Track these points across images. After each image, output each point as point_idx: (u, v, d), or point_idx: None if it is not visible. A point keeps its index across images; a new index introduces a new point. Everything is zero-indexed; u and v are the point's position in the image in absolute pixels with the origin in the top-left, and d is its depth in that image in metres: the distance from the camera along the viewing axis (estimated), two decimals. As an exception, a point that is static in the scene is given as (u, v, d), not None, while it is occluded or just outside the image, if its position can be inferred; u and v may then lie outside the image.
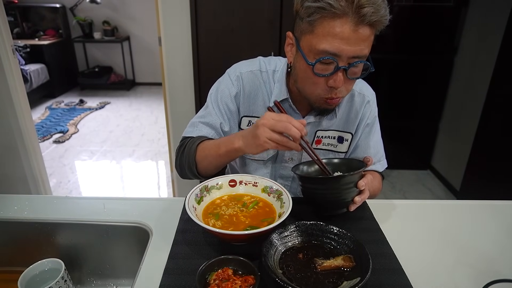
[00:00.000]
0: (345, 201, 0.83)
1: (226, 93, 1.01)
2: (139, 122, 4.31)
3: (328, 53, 0.79)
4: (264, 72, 1.02)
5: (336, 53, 0.78)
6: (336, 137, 1.05)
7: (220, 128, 1.01)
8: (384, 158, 1.10)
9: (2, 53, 1.99)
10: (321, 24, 0.78)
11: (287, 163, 1.06)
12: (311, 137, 1.03)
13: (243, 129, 1.04)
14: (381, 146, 1.09)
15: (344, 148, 1.06)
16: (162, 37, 2.13)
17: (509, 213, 0.96)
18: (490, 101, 2.37)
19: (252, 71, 1.02)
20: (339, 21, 0.76)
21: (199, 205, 0.84)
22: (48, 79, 4.87)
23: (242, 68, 1.03)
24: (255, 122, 0.82)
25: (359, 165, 0.88)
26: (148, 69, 5.61)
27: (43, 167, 2.43)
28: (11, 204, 0.96)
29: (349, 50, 0.78)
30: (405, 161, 3.16)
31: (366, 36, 0.78)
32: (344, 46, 0.77)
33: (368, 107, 1.03)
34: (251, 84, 1.01)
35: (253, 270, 0.65)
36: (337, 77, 0.81)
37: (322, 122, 1.01)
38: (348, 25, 0.76)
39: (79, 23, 5.18)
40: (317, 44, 0.79)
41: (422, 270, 0.75)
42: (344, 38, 0.76)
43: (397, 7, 2.73)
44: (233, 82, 1.02)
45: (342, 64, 0.80)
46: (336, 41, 0.77)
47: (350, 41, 0.77)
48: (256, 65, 1.03)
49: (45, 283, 0.76)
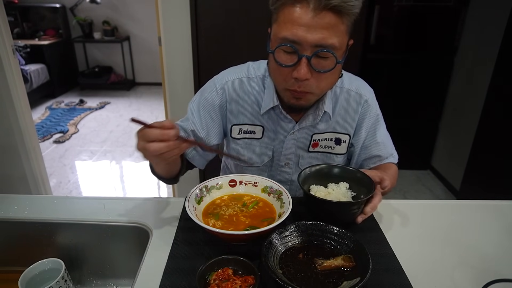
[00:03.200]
0: (350, 218, 0.84)
1: (209, 101, 0.99)
2: (139, 122, 4.30)
3: (288, 40, 0.76)
4: (252, 78, 0.99)
5: (295, 40, 0.75)
6: (333, 139, 1.03)
7: (193, 133, 0.99)
8: (394, 151, 1.08)
9: (2, 53, 1.99)
10: (282, 11, 0.76)
11: (284, 168, 1.05)
12: (307, 141, 1.02)
13: (234, 137, 1.03)
14: (389, 139, 1.07)
15: (342, 149, 1.04)
16: (162, 37, 2.13)
17: (509, 213, 0.96)
18: (490, 101, 2.37)
19: (239, 78, 0.99)
20: (298, 7, 0.73)
21: (199, 205, 0.84)
22: (48, 79, 4.87)
23: (230, 76, 1.00)
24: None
25: (368, 184, 0.86)
26: (148, 69, 5.61)
27: (43, 167, 2.43)
28: (11, 204, 0.96)
29: (310, 38, 0.74)
30: (405, 161, 3.14)
31: (330, 23, 0.74)
32: (303, 33, 0.74)
33: (367, 107, 1.01)
34: (238, 93, 0.99)
35: (253, 270, 0.65)
36: (300, 67, 0.77)
37: (318, 125, 0.99)
38: (307, 10, 0.73)
39: (79, 23, 5.18)
40: (279, 32, 0.77)
41: (422, 270, 0.75)
42: (303, 24, 0.73)
43: (397, 7, 2.73)
44: (218, 91, 0.99)
45: (304, 53, 0.76)
46: (295, 27, 0.74)
47: (311, 28, 0.73)
48: (244, 71, 1.00)
49: (45, 283, 0.76)
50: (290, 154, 1.03)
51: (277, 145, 1.03)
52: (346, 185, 0.89)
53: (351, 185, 0.89)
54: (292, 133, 0.99)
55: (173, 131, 0.70)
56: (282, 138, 1.01)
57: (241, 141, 1.04)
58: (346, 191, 0.87)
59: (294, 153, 1.03)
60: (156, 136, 0.69)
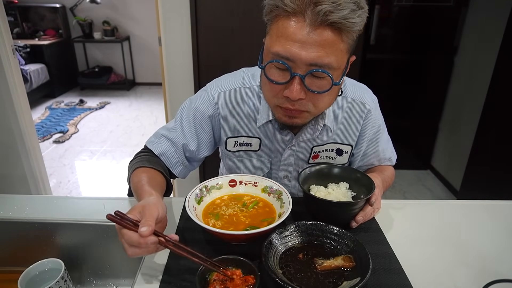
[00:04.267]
0: (350, 218, 0.84)
1: (201, 111, 0.94)
2: (139, 122, 4.30)
3: (280, 56, 0.69)
4: (248, 88, 0.93)
5: (288, 57, 0.69)
6: (334, 150, 0.98)
7: (184, 147, 0.95)
8: (394, 154, 1.06)
9: (2, 53, 1.99)
10: (276, 23, 0.70)
11: (282, 181, 1.02)
12: (307, 153, 0.97)
13: (230, 150, 0.99)
14: (389, 144, 1.04)
15: (343, 160, 1.01)
16: (162, 37, 2.13)
17: (509, 213, 0.96)
18: (490, 101, 2.37)
19: (234, 89, 0.93)
20: (294, 21, 0.67)
21: (199, 205, 0.84)
22: (48, 79, 4.87)
23: (224, 85, 0.94)
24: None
25: (368, 184, 0.86)
26: (148, 69, 5.61)
27: (43, 167, 2.43)
28: (11, 204, 0.96)
29: (304, 56, 0.67)
30: (405, 161, 3.16)
31: (327, 41, 0.67)
32: (297, 49, 0.67)
33: (370, 116, 0.95)
34: (233, 104, 0.93)
35: (253, 270, 0.65)
36: (293, 86, 0.71)
37: (318, 138, 0.94)
38: (303, 25, 0.66)
39: (79, 23, 5.18)
40: (271, 46, 0.71)
41: (422, 270, 0.75)
42: (298, 40, 0.67)
43: (397, 7, 2.73)
44: (210, 102, 0.93)
45: (298, 71, 0.70)
46: (288, 43, 0.68)
47: (306, 45, 0.67)
48: (239, 81, 0.94)
49: (45, 283, 0.76)
50: (289, 167, 1.00)
51: (275, 157, 0.99)
52: (346, 185, 0.89)
53: (351, 185, 0.89)
54: (291, 146, 0.95)
55: (151, 238, 0.61)
56: (280, 151, 0.97)
57: (237, 154, 1.00)
58: (346, 191, 0.87)
59: (293, 165, 0.99)
60: (134, 242, 0.61)
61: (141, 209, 0.66)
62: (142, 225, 0.61)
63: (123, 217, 0.64)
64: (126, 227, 0.63)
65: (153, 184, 0.81)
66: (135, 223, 0.63)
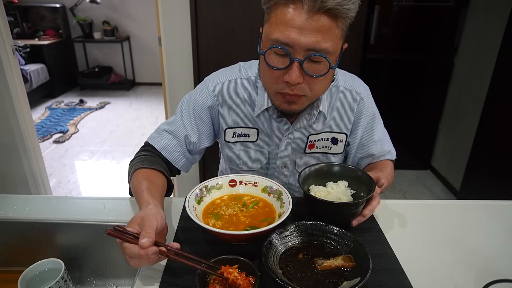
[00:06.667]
0: (350, 218, 0.84)
1: (200, 102, 0.97)
2: (139, 122, 4.31)
3: (279, 42, 0.73)
4: (245, 79, 0.97)
5: (288, 43, 0.72)
6: (329, 139, 1.01)
7: (186, 139, 0.97)
8: (392, 147, 1.07)
9: (2, 53, 1.99)
10: (275, 11, 0.74)
11: (280, 171, 1.04)
12: (303, 142, 1.00)
13: (228, 141, 1.01)
14: (386, 137, 1.06)
15: (339, 149, 1.03)
16: (162, 37, 2.13)
17: (509, 213, 0.96)
18: (490, 101, 2.38)
19: (232, 80, 0.97)
20: (292, 8, 0.71)
21: (199, 205, 0.84)
22: (48, 79, 4.87)
23: (221, 77, 0.98)
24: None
25: (368, 182, 0.86)
26: (148, 69, 5.61)
27: (43, 167, 2.43)
28: (11, 204, 0.96)
29: (303, 41, 0.71)
30: (405, 161, 3.16)
31: (324, 26, 0.71)
32: (296, 35, 0.71)
33: (363, 105, 0.99)
34: (231, 95, 0.96)
35: (253, 270, 0.65)
36: (292, 71, 0.75)
37: (313, 126, 0.97)
38: (301, 12, 0.70)
39: (79, 23, 5.18)
40: (271, 33, 0.74)
41: (422, 270, 0.75)
42: (296, 26, 0.71)
43: (397, 7, 2.73)
44: (209, 93, 0.97)
45: (297, 56, 0.74)
46: (287, 29, 0.71)
47: (304, 31, 0.71)
48: (236, 72, 0.98)
49: (45, 283, 0.76)
50: (286, 156, 1.02)
51: (272, 148, 1.01)
52: (345, 183, 0.89)
53: (350, 183, 0.89)
54: (288, 134, 0.98)
55: (152, 249, 0.62)
56: (277, 141, 1.00)
57: (235, 145, 1.02)
58: (345, 189, 0.87)
59: (290, 155, 1.02)
60: (135, 254, 0.62)
61: (140, 221, 0.67)
62: (142, 237, 0.62)
63: (122, 231, 0.65)
64: (127, 241, 0.64)
65: (152, 190, 0.82)
66: (135, 235, 0.64)
